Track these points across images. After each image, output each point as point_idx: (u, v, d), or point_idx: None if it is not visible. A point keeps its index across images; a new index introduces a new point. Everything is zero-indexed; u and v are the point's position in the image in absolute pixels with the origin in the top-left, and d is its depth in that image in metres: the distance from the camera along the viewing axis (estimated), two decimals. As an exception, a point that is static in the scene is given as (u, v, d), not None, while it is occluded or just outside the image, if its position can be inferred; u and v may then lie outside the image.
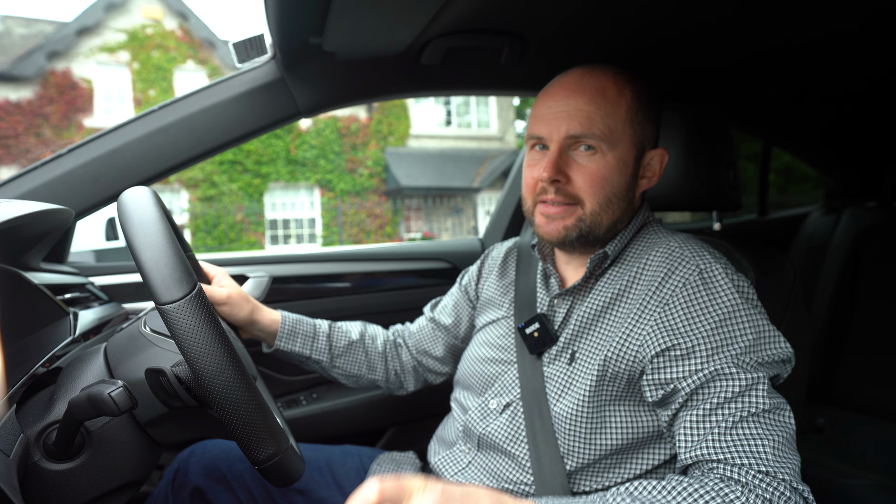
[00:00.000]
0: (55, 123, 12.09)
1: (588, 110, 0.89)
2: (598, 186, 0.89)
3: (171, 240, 0.61)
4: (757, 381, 0.76)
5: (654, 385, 0.82)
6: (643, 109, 0.93)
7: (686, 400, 0.79)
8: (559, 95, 0.92)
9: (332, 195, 14.02)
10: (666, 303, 0.84)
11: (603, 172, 0.89)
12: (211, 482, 1.04)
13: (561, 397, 0.91)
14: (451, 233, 15.01)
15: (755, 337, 0.80)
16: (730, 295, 0.82)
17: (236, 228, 13.10)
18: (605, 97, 0.89)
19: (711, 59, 1.37)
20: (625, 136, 0.90)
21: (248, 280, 1.32)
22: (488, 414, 1.00)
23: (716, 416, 0.75)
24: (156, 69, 12.98)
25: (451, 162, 14.76)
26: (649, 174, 0.96)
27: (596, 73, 0.92)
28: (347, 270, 1.74)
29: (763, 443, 0.72)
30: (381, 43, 1.15)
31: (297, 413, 1.64)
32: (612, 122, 0.89)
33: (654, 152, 0.96)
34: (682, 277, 0.85)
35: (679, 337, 0.81)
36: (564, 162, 0.90)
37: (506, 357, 1.02)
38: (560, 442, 0.89)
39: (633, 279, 0.90)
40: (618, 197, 0.91)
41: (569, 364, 0.92)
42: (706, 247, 0.90)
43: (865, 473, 1.62)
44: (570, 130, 0.89)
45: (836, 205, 2.26)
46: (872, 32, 1.28)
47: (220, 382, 0.58)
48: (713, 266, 0.85)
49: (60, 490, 0.67)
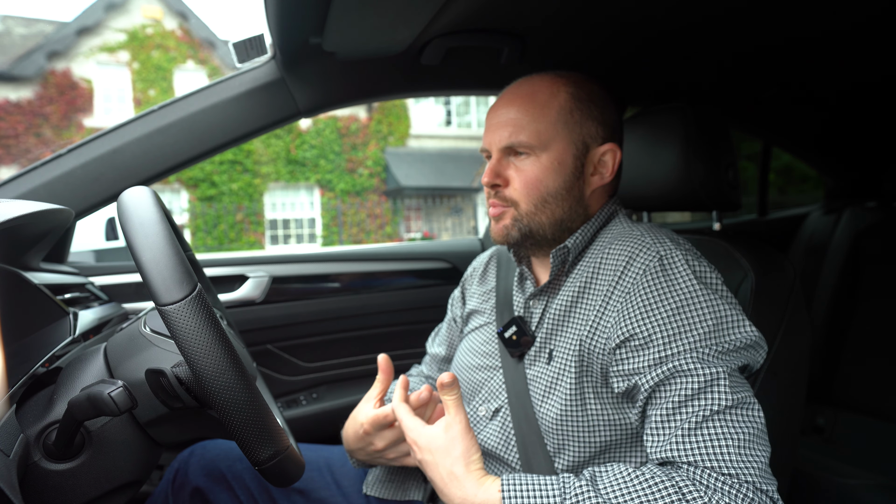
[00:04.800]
0: (55, 123, 12.08)
1: (517, 118, 0.93)
2: (531, 188, 0.93)
3: (172, 240, 0.61)
4: (717, 375, 0.75)
5: (618, 376, 0.83)
6: (580, 108, 0.94)
7: (649, 396, 0.79)
8: (499, 106, 0.97)
9: (332, 195, 14.01)
10: (628, 291, 0.84)
11: (536, 174, 0.93)
12: (211, 482, 1.05)
13: (546, 398, 0.90)
14: (451, 233, 15.01)
15: (714, 323, 0.78)
16: (688, 281, 0.81)
17: (236, 228, 13.09)
18: (534, 102, 0.93)
19: (712, 59, 1.37)
20: (558, 137, 0.93)
21: (247, 280, 1.32)
22: (478, 421, 1.00)
23: (679, 415, 0.75)
24: (156, 69, 12.97)
25: (451, 162, 14.75)
26: (602, 170, 0.97)
27: (532, 81, 0.97)
28: (347, 270, 1.74)
29: (727, 443, 0.72)
30: (381, 43, 1.16)
31: (297, 413, 1.64)
32: (540, 126, 0.92)
33: (603, 148, 0.96)
34: (642, 264, 0.84)
35: (638, 326, 0.81)
36: (504, 167, 0.96)
37: (491, 363, 1.02)
38: (548, 442, 0.89)
39: (597, 269, 0.91)
40: (555, 196, 0.94)
41: (548, 363, 0.92)
42: (669, 234, 0.90)
43: (865, 473, 1.62)
44: (503, 140, 0.94)
45: (836, 205, 2.26)
46: (872, 32, 1.28)
47: (220, 383, 0.58)
48: (673, 252, 0.84)
49: (60, 490, 0.67)
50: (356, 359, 1.76)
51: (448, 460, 0.79)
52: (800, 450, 1.83)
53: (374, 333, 1.78)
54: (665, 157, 1.08)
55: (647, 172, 1.11)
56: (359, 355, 1.77)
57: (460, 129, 15.83)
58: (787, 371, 0.98)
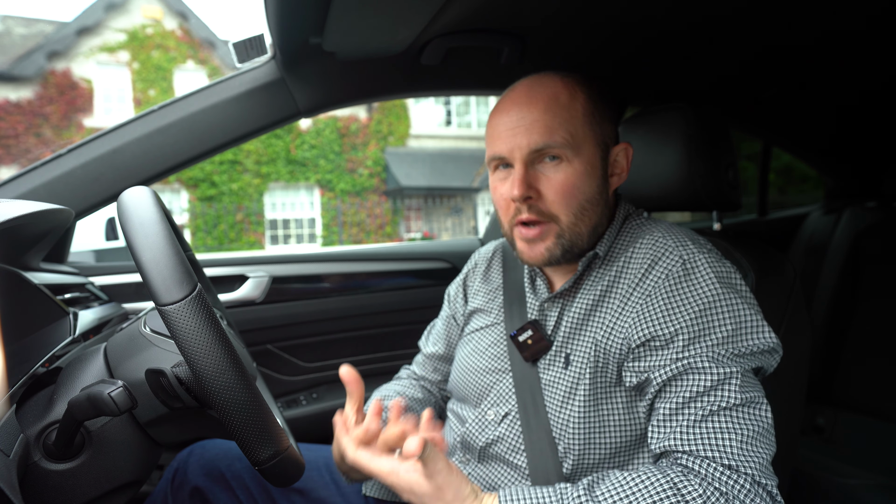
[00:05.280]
0: (55, 123, 12.08)
1: (545, 120, 0.86)
2: (570, 197, 0.87)
3: (171, 240, 0.61)
4: (730, 375, 0.75)
5: (631, 371, 0.83)
6: (598, 109, 0.91)
7: (659, 390, 0.79)
8: (512, 110, 0.89)
9: (332, 195, 14.01)
10: (649, 294, 0.84)
11: (572, 181, 0.87)
12: (210, 482, 1.04)
13: (566, 404, 0.89)
14: (451, 233, 15.01)
15: (734, 327, 0.79)
16: (711, 285, 0.81)
17: (236, 228, 13.09)
18: (559, 103, 0.87)
19: (712, 59, 1.37)
20: (587, 139, 0.88)
21: (247, 280, 1.32)
22: (487, 425, 0.98)
23: (687, 409, 0.75)
24: (156, 69, 12.97)
25: (451, 162, 14.75)
26: (618, 171, 0.94)
27: (544, 82, 0.90)
28: (347, 270, 1.74)
29: (730, 437, 0.72)
30: (381, 43, 1.15)
31: (297, 413, 1.64)
32: (571, 128, 0.87)
33: (618, 148, 0.94)
34: (664, 268, 0.84)
35: (660, 327, 0.80)
36: (533, 177, 0.87)
37: (499, 366, 1.00)
38: (560, 445, 0.89)
39: (619, 273, 0.90)
40: (591, 203, 0.89)
41: (564, 368, 0.91)
42: (690, 235, 0.89)
43: (865, 473, 1.62)
44: (532, 144, 0.86)
45: (836, 205, 2.26)
46: (872, 32, 1.28)
47: (220, 383, 0.58)
48: (696, 256, 0.84)
49: (60, 490, 0.67)
50: (356, 359, 1.76)
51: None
52: (800, 450, 1.83)
53: (374, 333, 1.78)
54: (665, 157, 1.08)
55: (647, 172, 1.11)
56: (359, 355, 1.77)
57: (460, 129, 15.82)
58: (787, 371, 0.98)
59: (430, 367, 1.21)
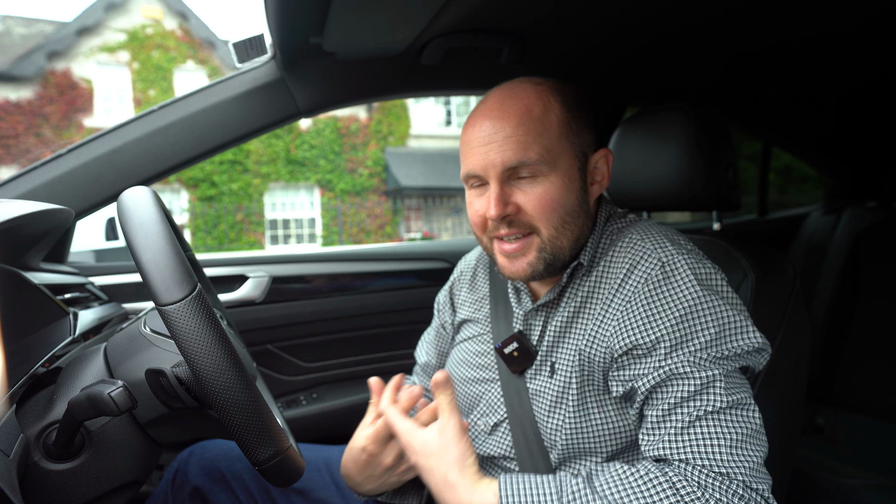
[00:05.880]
0: (55, 123, 12.08)
1: (518, 135, 0.83)
2: (549, 210, 0.84)
3: (171, 240, 0.61)
4: (714, 378, 0.74)
5: (617, 381, 0.82)
6: (575, 117, 0.87)
7: (646, 398, 0.79)
8: (485, 123, 0.85)
9: (332, 195, 14.02)
10: (629, 300, 0.82)
11: (551, 195, 0.84)
12: (210, 482, 1.05)
13: (553, 412, 0.89)
14: (451, 233, 15.01)
15: (717, 331, 0.77)
16: (691, 288, 0.79)
17: (236, 228, 13.09)
18: (532, 116, 0.84)
19: (712, 59, 1.37)
20: (563, 152, 0.85)
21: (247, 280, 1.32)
22: (477, 435, 0.99)
23: (673, 415, 0.75)
24: (156, 69, 12.97)
25: (451, 162, 14.74)
26: (598, 178, 0.91)
27: (517, 93, 0.86)
28: (347, 270, 1.74)
29: (719, 442, 0.72)
30: (381, 43, 1.15)
31: (297, 413, 1.64)
32: (546, 142, 0.83)
33: (597, 156, 0.91)
34: (643, 272, 0.82)
35: (642, 335, 0.79)
36: (509, 193, 0.85)
37: (487, 376, 1.00)
38: (552, 454, 0.89)
39: (598, 279, 0.88)
40: (572, 216, 0.86)
41: (550, 377, 0.90)
42: (669, 235, 0.87)
43: (865, 473, 1.62)
44: (507, 161, 0.83)
45: (836, 205, 2.26)
46: (872, 32, 1.28)
47: (220, 383, 0.58)
48: (675, 258, 0.81)
49: (60, 490, 0.67)
50: (356, 359, 1.76)
51: (443, 465, 0.79)
52: (800, 450, 1.83)
53: (374, 333, 1.78)
54: (665, 157, 1.08)
55: (647, 172, 1.11)
56: (359, 355, 1.77)
57: (460, 130, 15.79)
58: (787, 371, 0.98)
59: (426, 377, 1.21)
